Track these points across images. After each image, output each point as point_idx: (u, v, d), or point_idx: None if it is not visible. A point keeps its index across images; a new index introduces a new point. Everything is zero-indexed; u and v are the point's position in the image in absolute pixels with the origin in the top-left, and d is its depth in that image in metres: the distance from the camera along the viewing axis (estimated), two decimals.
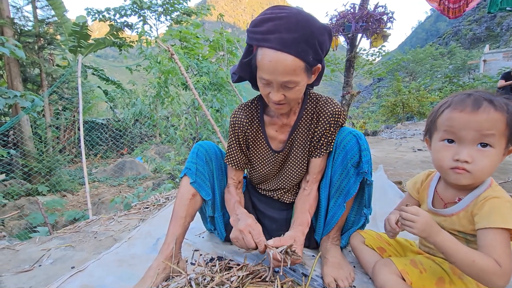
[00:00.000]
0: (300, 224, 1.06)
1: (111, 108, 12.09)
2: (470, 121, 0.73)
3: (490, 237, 0.72)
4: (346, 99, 4.85)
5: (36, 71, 8.34)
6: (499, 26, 37.05)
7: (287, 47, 0.87)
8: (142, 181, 7.55)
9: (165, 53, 4.08)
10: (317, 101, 1.12)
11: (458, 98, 0.77)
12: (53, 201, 5.40)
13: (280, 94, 0.96)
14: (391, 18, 4.41)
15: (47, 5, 8.19)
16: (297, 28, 0.86)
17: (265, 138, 1.18)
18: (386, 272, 0.84)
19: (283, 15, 0.88)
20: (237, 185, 1.25)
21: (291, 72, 0.90)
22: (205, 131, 4.87)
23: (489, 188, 0.79)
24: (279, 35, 0.87)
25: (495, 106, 0.72)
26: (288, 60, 0.88)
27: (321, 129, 1.11)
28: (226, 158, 1.22)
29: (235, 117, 1.18)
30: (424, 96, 11.52)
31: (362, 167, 1.04)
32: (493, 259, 0.70)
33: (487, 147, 0.74)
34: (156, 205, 2.08)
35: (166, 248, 1.07)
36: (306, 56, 0.89)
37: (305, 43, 0.87)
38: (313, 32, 0.88)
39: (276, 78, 0.92)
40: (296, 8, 0.92)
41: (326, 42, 0.94)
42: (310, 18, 0.89)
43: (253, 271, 1.00)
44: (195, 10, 12.80)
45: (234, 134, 1.19)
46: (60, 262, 1.33)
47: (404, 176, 2.68)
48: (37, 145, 7.34)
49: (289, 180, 1.21)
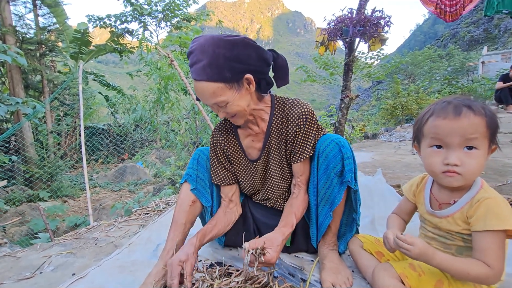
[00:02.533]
0: (283, 226, 1.06)
1: (112, 113, 12.15)
2: (454, 127, 0.77)
3: (485, 241, 0.76)
4: (345, 102, 4.87)
5: (37, 78, 8.40)
6: (497, 28, 37.19)
7: (200, 75, 0.95)
8: (143, 186, 7.56)
9: (165, 59, 4.12)
10: (284, 105, 1.13)
11: (439, 106, 0.82)
12: (54, 207, 5.41)
13: (222, 113, 1.05)
14: (388, 22, 4.44)
15: (48, 12, 8.27)
16: (202, 56, 0.94)
17: (242, 149, 1.20)
18: (386, 276, 0.84)
19: (193, 48, 0.96)
20: (227, 204, 1.23)
21: (212, 95, 0.97)
22: (205, 135, 4.89)
23: (481, 190, 0.82)
24: (195, 67, 0.96)
25: (474, 111, 0.77)
26: (204, 86, 0.96)
27: (291, 131, 1.10)
28: (212, 178, 1.23)
29: (212, 138, 1.23)
30: (423, 98, 11.52)
31: (345, 176, 1.03)
32: (486, 264, 0.75)
33: (473, 149, 0.78)
34: (156, 210, 2.09)
35: (166, 254, 1.08)
36: (220, 76, 0.95)
37: (215, 66, 0.94)
38: (218, 53, 0.93)
39: (207, 102, 1.01)
40: (205, 36, 0.97)
41: (243, 52, 0.96)
42: (215, 41, 0.94)
43: (252, 276, 1.01)
44: (194, 16, 12.90)
45: (213, 152, 1.22)
46: (61, 269, 1.34)
47: (403, 179, 2.69)
48: (39, 151, 7.36)
49: (275, 187, 1.21)
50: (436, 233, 0.90)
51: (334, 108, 9.56)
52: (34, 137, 7.46)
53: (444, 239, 0.88)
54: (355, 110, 23.79)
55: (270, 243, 0.96)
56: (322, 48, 5.03)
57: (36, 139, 7.66)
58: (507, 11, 4.72)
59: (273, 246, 0.96)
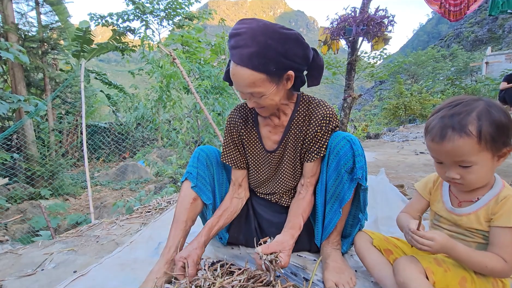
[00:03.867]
0: (291, 227, 1.06)
1: (114, 112, 12.16)
2: (440, 150, 0.79)
3: (505, 236, 0.78)
4: (348, 102, 4.84)
5: (39, 76, 8.42)
6: (501, 28, 36.97)
7: (244, 62, 0.91)
8: (144, 185, 7.56)
9: (167, 58, 4.12)
10: (309, 104, 1.14)
11: (432, 125, 0.81)
12: (56, 205, 5.42)
13: (252, 102, 1.02)
14: (392, 22, 4.41)
15: (51, 10, 8.29)
16: (253, 42, 0.90)
17: (259, 137, 1.20)
18: (412, 269, 0.81)
19: (242, 31, 0.92)
20: (236, 189, 1.25)
21: (252, 85, 0.95)
22: (207, 134, 4.88)
23: (504, 188, 0.83)
24: (239, 50, 0.92)
25: (459, 133, 0.75)
26: (246, 74, 0.93)
27: (312, 131, 1.11)
28: (222, 156, 1.24)
29: (230, 118, 1.23)
30: (426, 98, 11.49)
31: (356, 173, 1.04)
32: (502, 258, 0.77)
33: (468, 167, 0.78)
34: (158, 209, 2.09)
35: (167, 252, 1.08)
36: (266, 68, 0.92)
37: (263, 56, 0.91)
38: (270, 45, 0.90)
39: (242, 89, 0.98)
40: (257, 21, 0.94)
41: (293, 49, 0.95)
42: (269, 31, 0.91)
43: (254, 275, 1.00)
44: (197, 15, 12.88)
45: (229, 133, 1.23)
46: (62, 266, 1.34)
47: (406, 179, 2.67)
48: (40, 149, 7.38)
49: (284, 183, 1.22)
50: (454, 231, 0.89)
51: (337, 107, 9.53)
52: (36, 135, 7.47)
53: (464, 236, 0.87)
54: (358, 110, 23.74)
55: (282, 247, 0.96)
56: (325, 47, 5.01)
57: (37, 137, 7.67)
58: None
59: (285, 250, 0.96)
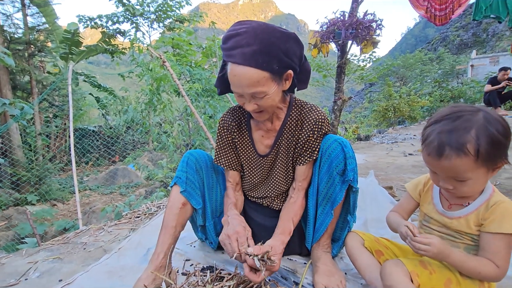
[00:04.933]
0: (281, 233, 1.07)
1: (103, 115, 11.96)
2: (437, 166, 0.79)
3: (497, 243, 0.79)
4: (338, 104, 4.90)
5: (26, 79, 8.22)
6: (485, 32, 38.14)
7: (248, 61, 0.90)
8: (135, 189, 7.45)
9: (157, 60, 4.08)
10: (302, 108, 1.15)
11: (430, 140, 0.78)
12: (43, 210, 5.27)
13: (252, 104, 1.01)
14: (380, 25, 4.50)
15: (37, 12, 8.12)
16: (255, 41, 0.90)
17: (251, 141, 1.20)
18: (397, 272, 0.81)
19: (242, 31, 0.92)
20: (235, 187, 1.26)
21: (256, 84, 0.94)
22: (198, 137, 4.85)
23: (494, 193, 0.84)
24: (240, 50, 0.90)
25: (457, 152, 0.73)
26: (250, 72, 0.92)
27: (304, 135, 1.12)
28: (215, 159, 1.24)
29: (223, 120, 1.22)
30: (415, 100, 11.72)
31: (347, 175, 1.05)
32: (494, 264, 0.79)
33: (463, 181, 0.78)
34: (147, 214, 2.05)
35: (155, 258, 1.05)
36: (269, 66, 0.92)
37: (266, 54, 0.91)
38: (273, 42, 0.91)
39: (244, 91, 0.97)
40: (256, 21, 0.95)
41: (293, 48, 0.96)
42: (270, 30, 0.92)
43: (244, 280, 1.00)
44: (188, 17, 12.84)
45: (222, 136, 1.23)
46: (47, 275, 1.30)
47: (395, 181, 2.71)
48: (27, 153, 7.19)
49: (276, 186, 1.22)
50: (443, 232, 0.91)
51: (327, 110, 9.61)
52: (22, 139, 7.28)
53: (453, 237, 0.89)
54: (348, 112, 24.03)
55: (274, 251, 0.96)
56: (315, 50, 5.07)
57: (24, 141, 7.48)
58: (495, 16, 4.83)
59: (276, 254, 0.96)
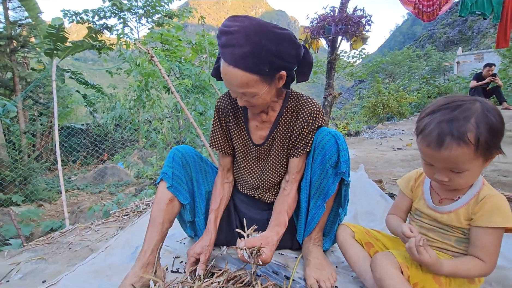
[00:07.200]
0: (276, 224, 1.06)
1: (91, 113, 11.68)
2: (436, 156, 0.77)
3: (486, 237, 0.80)
4: (328, 100, 4.93)
5: (9, 75, 7.94)
6: (470, 30, 39.06)
7: (237, 62, 0.88)
8: (125, 188, 7.33)
9: (145, 56, 3.99)
10: (298, 100, 1.14)
11: (429, 130, 0.77)
12: (29, 211, 5.11)
13: (243, 101, 1.01)
14: (369, 21, 4.53)
15: (19, 6, 7.82)
16: (246, 42, 0.87)
17: (247, 130, 1.19)
18: (388, 264, 0.82)
19: (234, 29, 0.87)
20: (225, 174, 1.26)
21: (245, 85, 0.93)
22: (188, 134, 4.79)
23: (484, 187, 0.84)
24: (231, 50, 0.88)
25: (458, 141, 0.72)
26: (238, 75, 0.90)
27: (299, 127, 1.12)
28: (210, 143, 1.24)
29: (220, 103, 1.20)
30: (403, 96, 11.89)
31: (340, 167, 1.05)
32: (481, 259, 0.80)
33: (460, 172, 0.78)
34: (136, 212, 2.01)
35: (143, 256, 1.03)
36: (259, 69, 0.90)
37: (256, 57, 0.88)
38: (264, 45, 0.87)
39: (233, 89, 0.97)
40: (250, 19, 0.90)
41: (286, 49, 0.92)
42: (263, 30, 0.88)
43: (234, 276, 0.98)
44: (177, 13, 12.62)
45: (217, 118, 1.21)
46: (30, 276, 1.25)
47: (385, 175, 2.75)
48: (11, 153, 6.96)
49: (269, 178, 1.21)
50: (434, 225, 0.91)
51: None
52: (6, 138, 7.03)
53: (444, 231, 0.89)
54: (338, 108, 24.24)
55: (266, 242, 0.95)
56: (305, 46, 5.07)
57: (8, 140, 7.23)
58: (480, 12, 4.93)
59: (269, 245, 0.95)
